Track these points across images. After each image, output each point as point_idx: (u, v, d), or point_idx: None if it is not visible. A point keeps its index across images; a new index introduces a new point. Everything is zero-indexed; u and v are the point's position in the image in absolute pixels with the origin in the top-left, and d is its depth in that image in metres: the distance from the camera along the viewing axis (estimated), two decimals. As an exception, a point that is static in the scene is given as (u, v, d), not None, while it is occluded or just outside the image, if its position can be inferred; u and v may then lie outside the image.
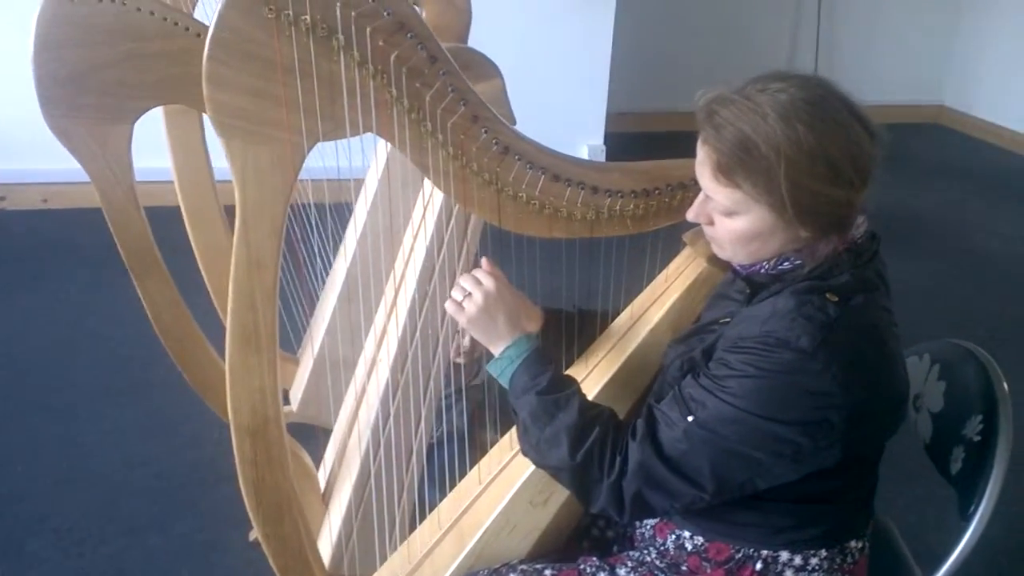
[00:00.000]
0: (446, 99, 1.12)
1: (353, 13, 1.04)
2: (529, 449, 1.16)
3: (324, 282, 2.29)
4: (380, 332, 1.92)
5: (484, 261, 1.24)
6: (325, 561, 1.58)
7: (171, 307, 1.64)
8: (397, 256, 1.95)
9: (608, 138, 3.81)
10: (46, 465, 2.17)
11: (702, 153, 1.08)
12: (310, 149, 1.11)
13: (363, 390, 1.84)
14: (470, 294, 1.20)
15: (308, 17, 1.03)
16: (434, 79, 1.11)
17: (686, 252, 1.38)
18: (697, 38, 4.57)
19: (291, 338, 2.26)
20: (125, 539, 1.98)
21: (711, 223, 1.13)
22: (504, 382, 1.19)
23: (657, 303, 1.35)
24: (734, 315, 1.15)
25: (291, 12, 1.02)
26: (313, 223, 1.97)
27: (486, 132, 1.15)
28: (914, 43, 5.19)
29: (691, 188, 1.23)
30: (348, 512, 1.71)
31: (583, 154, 3.72)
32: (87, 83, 1.45)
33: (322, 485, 1.86)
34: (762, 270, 1.13)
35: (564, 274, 1.43)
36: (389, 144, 1.15)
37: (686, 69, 4.26)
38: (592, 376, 1.31)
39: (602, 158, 3.72)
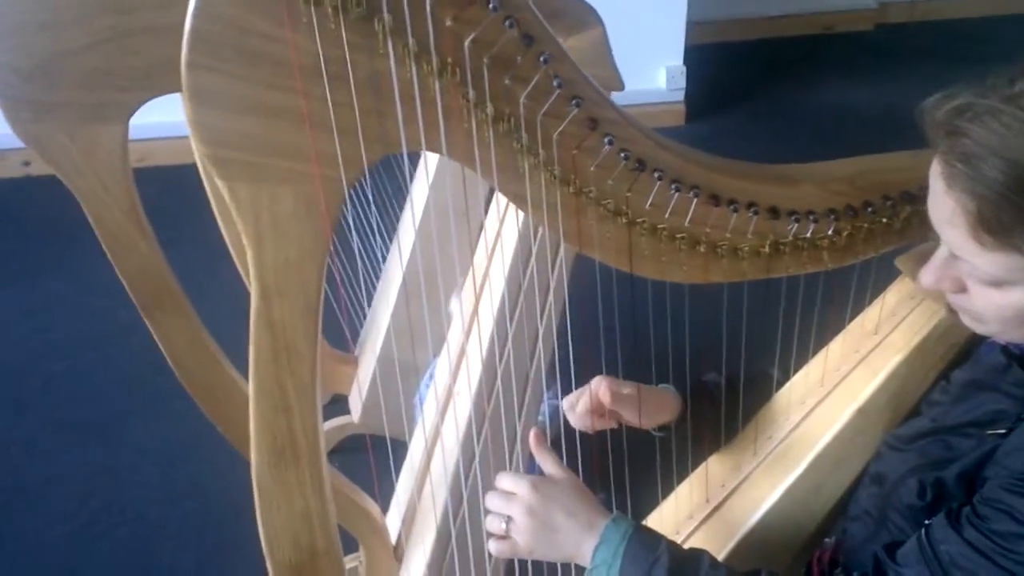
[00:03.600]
0: (550, 97, 0.74)
1: (403, -21, 0.67)
2: None
3: (381, 271, 1.96)
4: (461, 339, 1.59)
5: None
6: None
7: (192, 346, 1.31)
8: (471, 245, 1.61)
9: (688, 54, 3.29)
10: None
11: (950, 201, 0.70)
12: (351, 184, 0.75)
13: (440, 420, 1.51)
14: (510, 518, 0.85)
15: (335, -10, 0.66)
16: (531, 70, 0.73)
17: (911, 287, 0.95)
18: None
19: (346, 335, 1.93)
20: None
21: (962, 290, 0.75)
22: None
23: (866, 364, 0.93)
24: (1012, 420, 0.76)
25: (310, -16, 0.65)
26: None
27: (610, 141, 0.77)
28: None
29: (923, 200, 0.79)
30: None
31: (661, 80, 3.23)
32: (58, 75, 1.12)
33: (394, 532, 1.56)
34: None
35: (724, 319, 0.93)
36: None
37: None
38: (760, 476, 0.93)
39: (682, 82, 3.22)
